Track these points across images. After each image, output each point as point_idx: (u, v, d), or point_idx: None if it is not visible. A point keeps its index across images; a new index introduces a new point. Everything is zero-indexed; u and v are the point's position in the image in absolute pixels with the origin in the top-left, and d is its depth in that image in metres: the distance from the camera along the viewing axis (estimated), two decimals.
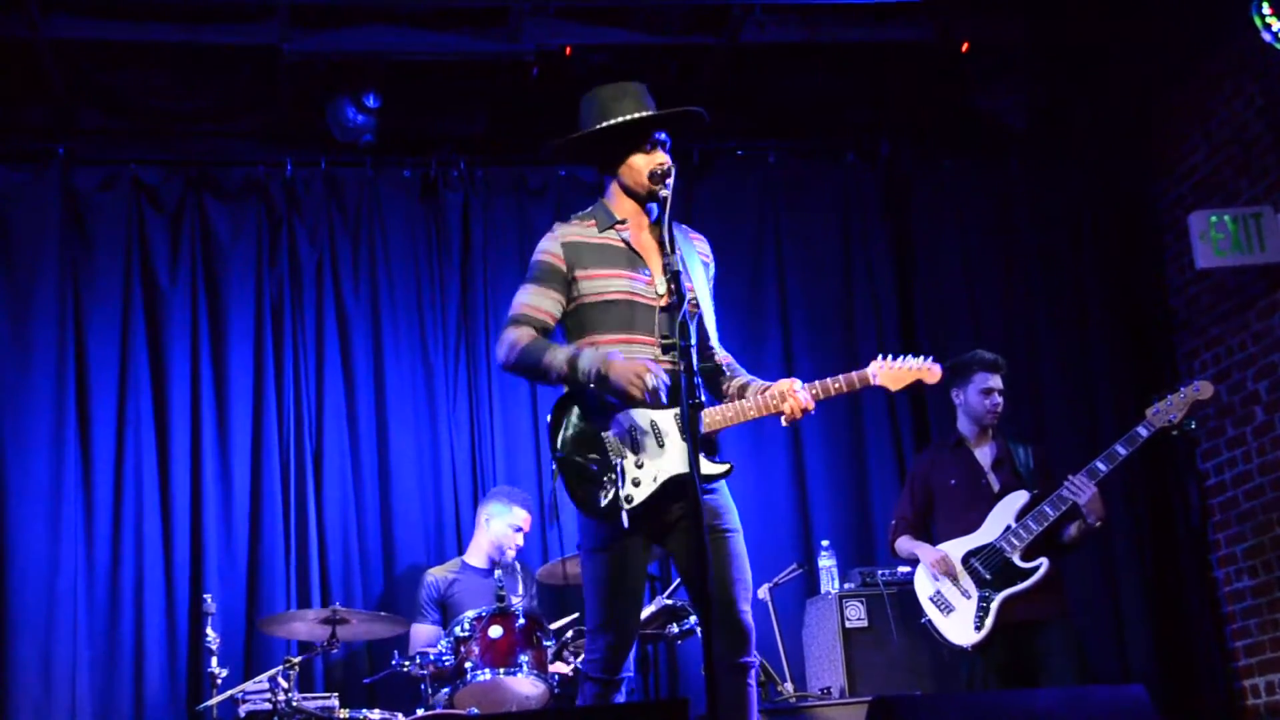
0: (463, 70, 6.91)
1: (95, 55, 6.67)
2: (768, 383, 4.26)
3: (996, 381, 5.91)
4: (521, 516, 6.28)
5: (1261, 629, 6.82)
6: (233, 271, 6.85)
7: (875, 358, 4.47)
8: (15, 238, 6.69)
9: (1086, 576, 6.95)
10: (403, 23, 6.53)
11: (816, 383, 4.25)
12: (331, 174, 7.03)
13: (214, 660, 5.48)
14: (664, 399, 4.03)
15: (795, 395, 4.17)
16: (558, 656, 5.68)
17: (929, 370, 4.47)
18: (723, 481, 4.22)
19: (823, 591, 6.40)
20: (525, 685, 5.48)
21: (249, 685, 5.55)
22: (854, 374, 4.35)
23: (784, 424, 4.24)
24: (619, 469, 4.06)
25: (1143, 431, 5.61)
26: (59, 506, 6.40)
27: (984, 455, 5.90)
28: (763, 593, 6.14)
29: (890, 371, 4.42)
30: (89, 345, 6.64)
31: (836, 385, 4.28)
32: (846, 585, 6.27)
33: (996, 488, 5.81)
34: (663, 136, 4.23)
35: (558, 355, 4.10)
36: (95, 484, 6.51)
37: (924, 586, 5.76)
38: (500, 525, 6.26)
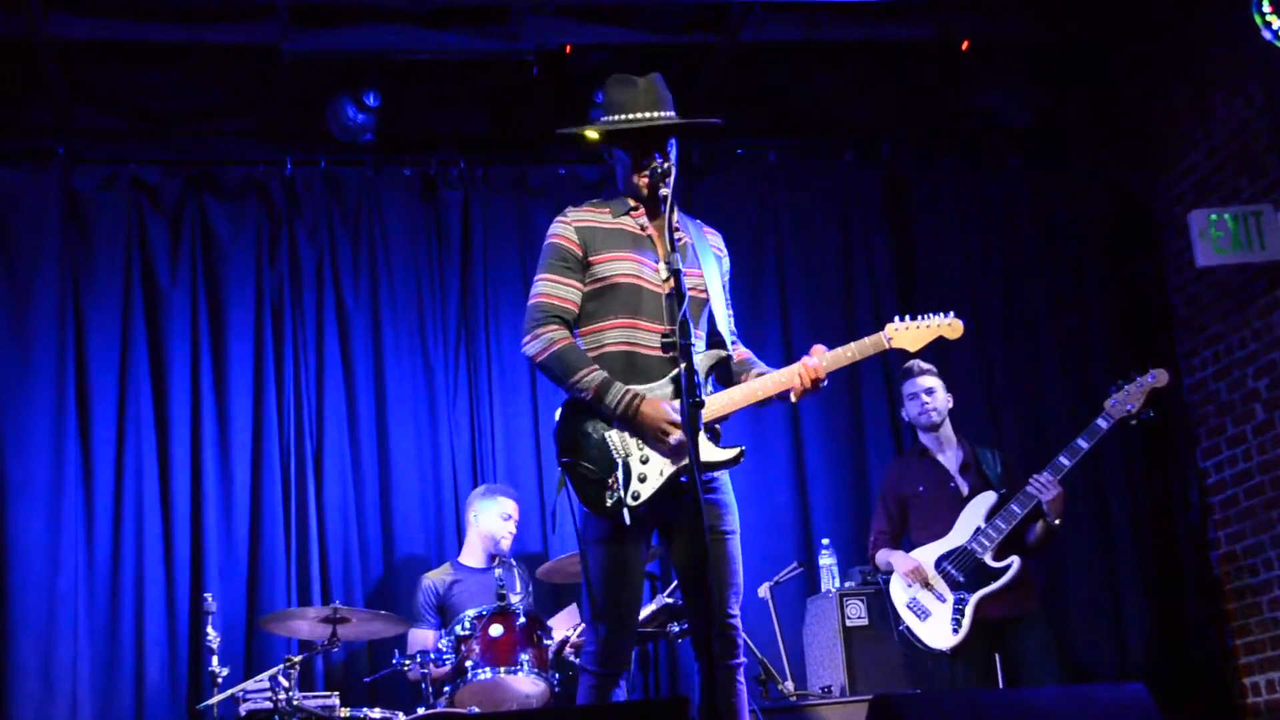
0: (463, 69, 6.91)
1: (95, 55, 6.67)
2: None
3: (920, 384, 5.92)
4: (509, 505, 6.28)
5: (1261, 627, 6.82)
6: (233, 271, 6.84)
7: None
8: (15, 238, 6.68)
9: (1087, 575, 6.96)
10: (403, 22, 6.53)
11: (828, 354, 4.21)
12: (331, 173, 7.03)
13: (214, 659, 5.47)
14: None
15: (804, 363, 4.13)
16: (558, 655, 5.68)
17: (950, 326, 4.38)
18: (727, 480, 4.21)
19: (823, 590, 6.41)
20: (526, 684, 5.48)
21: (249, 684, 5.54)
22: (867, 339, 4.28)
23: (793, 399, 4.18)
24: (622, 469, 4.05)
25: (1102, 423, 5.66)
26: (59, 506, 6.40)
27: (950, 460, 5.93)
28: (763, 591, 6.15)
29: (907, 331, 4.34)
30: (89, 345, 6.64)
31: (849, 353, 4.23)
32: (847, 583, 6.28)
33: (965, 491, 5.84)
34: (667, 162, 4.15)
35: (590, 378, 4.08)
36: (95, 483, 6.50)
37: (899, 594, 5.78)
38: (489, 518, 6.26)
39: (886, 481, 6.15)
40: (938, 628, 5.64)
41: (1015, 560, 5.64)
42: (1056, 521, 5.67)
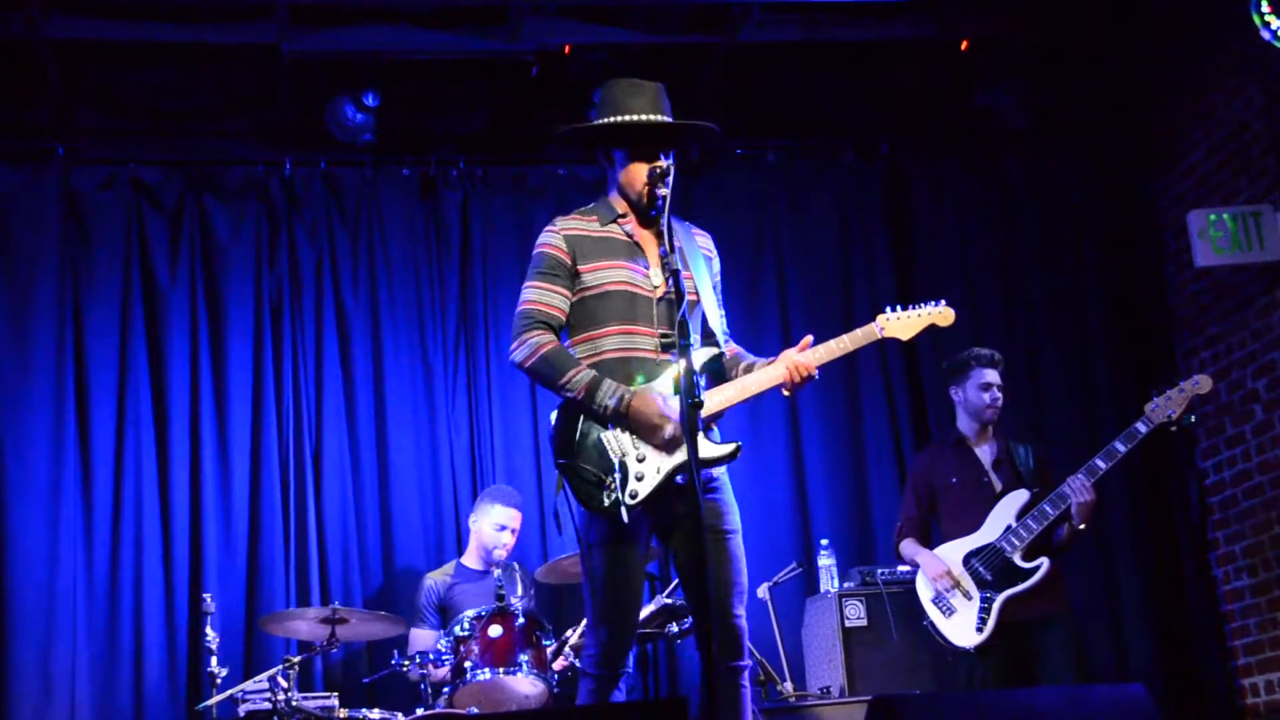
0: (463, 69, 6.91)
1: (95, 55, 6.67)
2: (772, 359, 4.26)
3: (995, 376, 5.91)
4: (507, 514, 6.25)
5: (1261, 628, 6.82)
6: (232, 271, 6.85)
7: (881, 311, 4.41)
8: (15, 237, 6.69)
9: (1087, 575, 6.95)
10: (402, 22, 6.53)
11: (820, 346, 4.22)
12: (331, 173, 7.03)
13: (214, 659, 5.47)
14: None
15: (793, 359, 4.15)
16: (557, 656, 5.68)
17: (941, 314, 4.41)
18: (727, 479, 4.22)
19: (822, 590, 6.40)
20: (525, 685, 5.48)
21: (249, 685, 5.55)
22: (859, 330, 4.30)
23: (785, 394, 4.19)
24: (619, 469, 4.05)
25: (1142, 428, 5.61)
26: (59, 506, 6.40)
27: (984, 454, 5.90)
28: (762, 591, 6.15)
29: (899, 321, 4.36)
30: (89, 345, 6.64)
31: (841, 345, 4.24)
32: (846, 584, 6.28)
33: (998, 487, 5.81)
34: (666, 161, 4.18)
35: (579, 377, 4.09)
36: (95, 484, 6.51)
37: (925, 589, 5.76)
38: (486, 526, 6.25)
39: (918, 468, 6.10)
40: (962, 625, 5.62)
41: (1045, 561, 5.61)
42: (1081, 526, 5.64)
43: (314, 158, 7.00)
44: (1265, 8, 6.06)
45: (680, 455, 4.04)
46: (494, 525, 6.23)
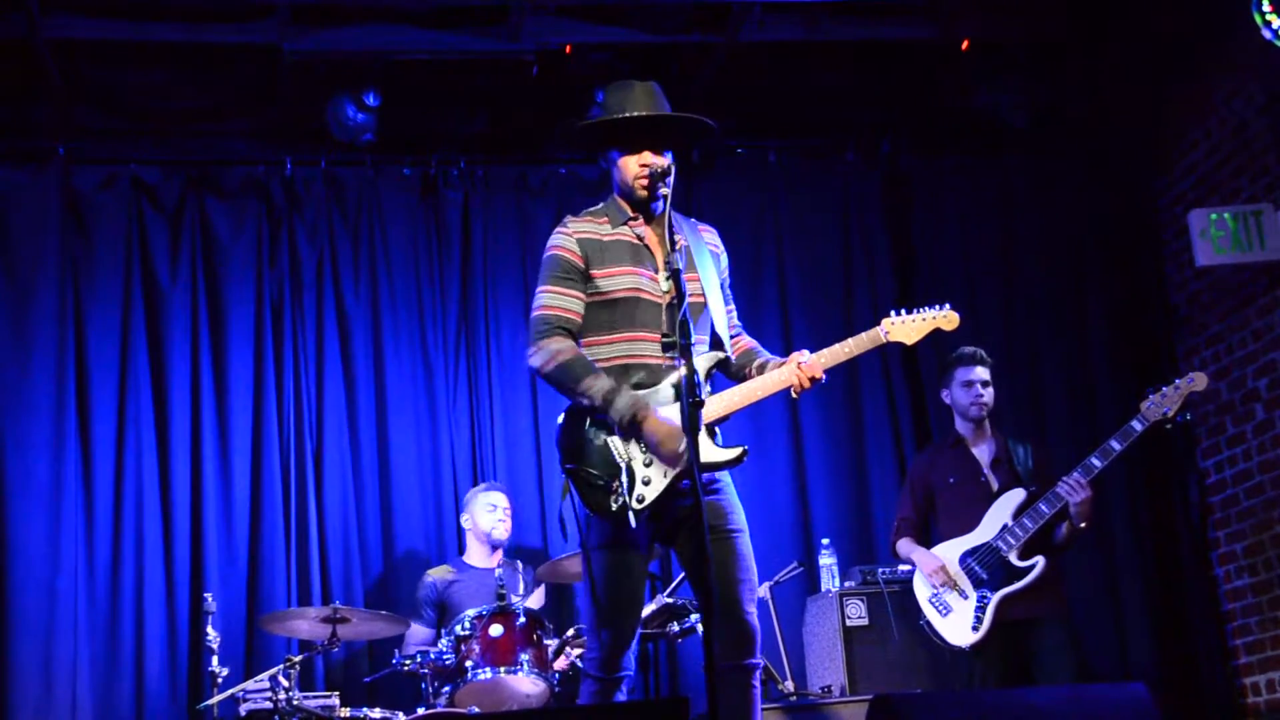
0: (463, 69, 6.91)
1: (95, 55, 6.67)
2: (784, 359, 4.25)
3: (979, 374, 5.89)
4: (494, 497, 6.32)
5: (1262, 627, 6.82)
6: (233, 271, 6.85)
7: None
8: (15, 238, 6.69)
9: (1087, 575, 6.95)
10: (403, 22, 6.53)
11: (825, 350, 4.21)
12: (331, 173, 7.03)
13: (214, 659, 5.48)
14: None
15: (800, 365, 4.15)
16: (558, 655, 5.68)
17: (946, 318, 4.39)
18: (729, 480, 4.22)
19: (823, 589, 6.41)
20: (526, 684, 5.49)
21: (250, 684, 5.55)
22: (864, 334, 4.28)
23: (794, 395, 4.19)
24: (626, 473, 4.05)
25: (1137, 425, 5.62)
26: (59, 506, 6.40)
27: (982, 454, 5.91)
28: (763, 591, 6.14)
29: (903, 325, 4.34)
30: (89, 345, 6.64)
31: (846, 349, 4.23)
32: (847, 583, 6.28)
33: (995, 486, 5.82)
34: (664, 160, 4.18)
35: (596, 385, 4.07)
36: (95, 483, 6.51)
37: (922, 588, 5.77)
38: (479, 513, 6.30)
39: (916, 469, 6.11)
40: (958, 624, 5.63)
41: (1040, 560, 5.61)
42: (1082, 525, 5.64)
43: (314, 157, 7.00)
44: (1266, 6, 6.05)
45: (686, 460, 4.04)
46: (486, 506, 6.28)
